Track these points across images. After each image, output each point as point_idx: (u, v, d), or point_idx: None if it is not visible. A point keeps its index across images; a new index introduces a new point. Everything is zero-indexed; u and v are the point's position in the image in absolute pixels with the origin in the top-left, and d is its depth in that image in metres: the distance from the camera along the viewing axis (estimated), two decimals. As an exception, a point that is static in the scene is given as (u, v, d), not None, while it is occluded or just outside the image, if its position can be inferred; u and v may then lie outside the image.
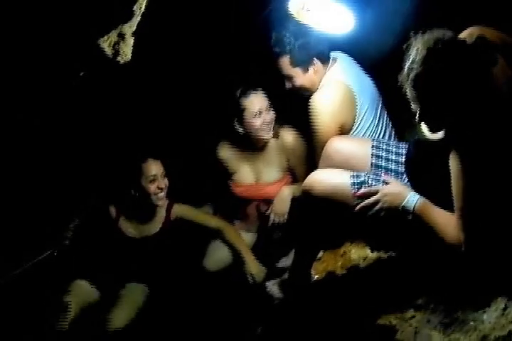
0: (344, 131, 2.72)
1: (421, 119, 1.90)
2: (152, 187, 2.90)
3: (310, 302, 2.70)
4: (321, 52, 2.73)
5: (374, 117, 2.78)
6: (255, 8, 3.04)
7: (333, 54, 2.82)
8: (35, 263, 2.98)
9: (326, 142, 2.60)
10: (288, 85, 2.82)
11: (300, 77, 2.76)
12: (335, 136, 2.67)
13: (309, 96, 2.76)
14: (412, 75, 1.79)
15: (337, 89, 2.70)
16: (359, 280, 2.61)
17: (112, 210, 3.04)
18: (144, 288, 3.04)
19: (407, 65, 1.81)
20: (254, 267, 3.04)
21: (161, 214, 3.07)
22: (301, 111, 2.78)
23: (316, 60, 2.73)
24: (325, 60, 2.76)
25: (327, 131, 2.66)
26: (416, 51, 1.79)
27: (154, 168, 2.92)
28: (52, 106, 2.49)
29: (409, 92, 1.85)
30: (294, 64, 2.72)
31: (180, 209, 3.09)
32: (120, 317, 2.85)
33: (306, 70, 2.74)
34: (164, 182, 2.94)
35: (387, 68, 1.98)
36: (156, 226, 3.06)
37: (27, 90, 2.31)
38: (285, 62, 2.72)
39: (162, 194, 2.95)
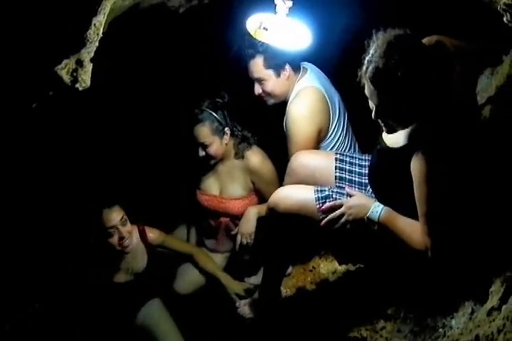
0: (320, 137, 2.76)
1: (376, 116, 1.92)
2: (114, 241, 2.74)
3: (281, 319, 2.70)
4: (294, 59, 2.76)
5: (342, 129, 2.85)
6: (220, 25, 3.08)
7: (304, 64, 2.87)
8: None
9: (305, 149, 2.62)
10: (257, 90, 2.82)
11: (272, 81, 2.77)
12: (314, 142, 2.71)
13: (276, 105, 2.81)
14: (370, 68, 1.81)
15: (312, 94, 2.75)
16: (329, 294, 2.63)
17: (93, 274, 2.87)
18: None
19: (367, 58, 1.84)
20: (233, 286, 3.02)
21: (138, 246, 2.93)
22: (274, 123, 2.80)
23: (288, 67, 2.75)
24: (296, 68, 2.80)
25: (307, 136, 2.69)
26: (376, 45, 1.82)
27: (112, 217, 2.72)
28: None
29: (366, 87, 1.87)
30: (267, 65, 2.73)
31: (154, 235, 2.98)
32: None
33: (278, 75, 2.76)
34: (126, 230, 2.77)
35: (347, 81, 2.01)
36: (142, 259, 2.96)
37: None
38: (258, 63, 2.73)
39: (127, 242, 2.79)
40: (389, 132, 1.99)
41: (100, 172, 3.11)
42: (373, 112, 1.92)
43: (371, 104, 1.92)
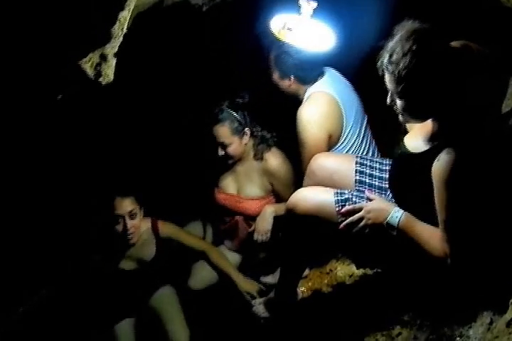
0: (331, 142, 2.74)
1: (390, 102, 1.93)
2: (118, 228, 2.80)
3: (296, 321, 2.69)
4: (300, 75, 2.77)
5: (358, 134, 2.82)
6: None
7: (325, 68, 2.86)
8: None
9: (315, 154, 2.61)
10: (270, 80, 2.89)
11: (277, 81, 2.83)
12: (324, 147, 2.70)
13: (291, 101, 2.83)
14: (387, 54, 1.83)
15: (323, 99, 2.74)
16: (345, 298, 2.61)
17: (97, 258, 2.93)
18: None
19: (389, 46, 1.84)
20: (245, 285, 3.03)
21: (149, 237, 2.99)
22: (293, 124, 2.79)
23: (293, 78, 2.77)
24: (304, 81, 2.80)
25: (317, 141, 2.68)
26: (399, 35, 1.82)
27: (122, 206, 2.78)
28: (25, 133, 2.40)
29: (386, 75, 1.88)
30: (273, 67, 2.80)
31: (166, 229, 3.02)
32: None
33: (282, 78, 2.81)
34: (132, 223, 2.82)
35: (369, 84, 2.00)
36: (149, 249, 2.99)
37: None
38: (270, 60, 2.81)
39: (130, 234, 2.83)
40: (403, 121, 1.99)
41: (119, 164, 3.12)
42: (388, 97, 1.93)
43: (388, 88, 1.92)
